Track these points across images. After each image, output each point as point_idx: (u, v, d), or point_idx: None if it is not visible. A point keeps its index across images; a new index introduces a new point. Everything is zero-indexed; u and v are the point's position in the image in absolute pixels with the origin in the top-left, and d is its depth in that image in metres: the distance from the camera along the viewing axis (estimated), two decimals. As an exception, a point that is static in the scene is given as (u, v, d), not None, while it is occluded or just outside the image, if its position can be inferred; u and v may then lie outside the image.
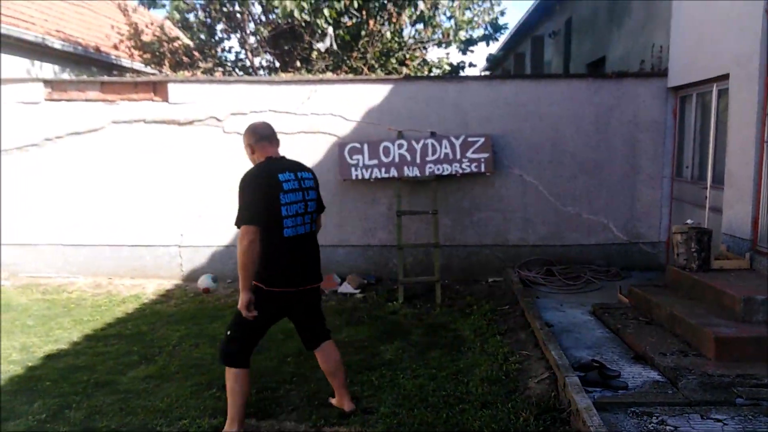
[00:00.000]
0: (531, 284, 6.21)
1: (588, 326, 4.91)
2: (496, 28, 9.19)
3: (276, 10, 8.05)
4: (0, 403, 3.65)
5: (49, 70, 9.75)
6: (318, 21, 7.92)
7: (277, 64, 9.04)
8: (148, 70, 9.73)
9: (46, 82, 6.80)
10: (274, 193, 3.19)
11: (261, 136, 3.44)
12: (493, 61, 13.30)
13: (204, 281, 6.53)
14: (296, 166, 3.42)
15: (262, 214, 3.13)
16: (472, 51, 8.91)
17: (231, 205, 6.72)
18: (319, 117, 6.65)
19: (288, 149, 6.67)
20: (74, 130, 6.74)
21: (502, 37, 10.72)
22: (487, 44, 9.16)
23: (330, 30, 7.91)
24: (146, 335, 5.09)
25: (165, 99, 6.67)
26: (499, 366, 4.22)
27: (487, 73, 15.75)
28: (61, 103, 6.72)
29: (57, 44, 9.48)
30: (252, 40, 8.96)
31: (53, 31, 9.87)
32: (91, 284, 6.73)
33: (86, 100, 6.70)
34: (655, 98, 6.54)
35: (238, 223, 3.13)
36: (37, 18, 9.90)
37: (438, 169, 6.49)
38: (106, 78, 7.00)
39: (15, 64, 9.00)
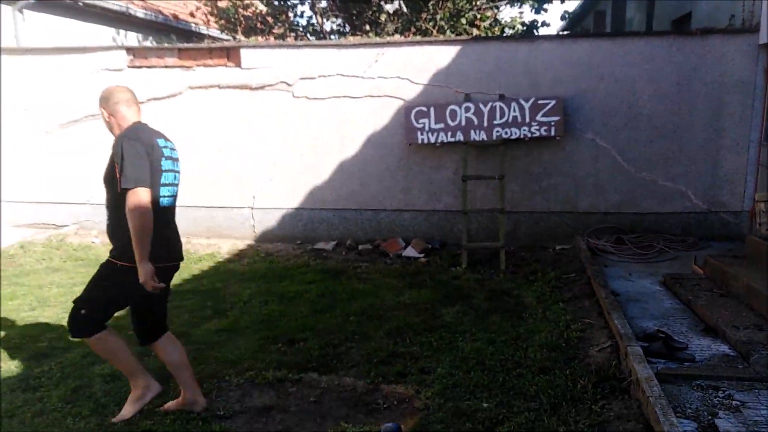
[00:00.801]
0: (600, 252, 6.04)
1: (657, 296, 4.75)
2: (573, -16, 8.75)
3: (345, -27, 8.05)
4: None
5: (132, 38, 10.24)
6: (387, -18, 7.85)
7: (347, 28, 9.06)
8: (224, 37, 10.01)
9: (128, 50, 7.15)
10: (157, 159, 3.00)
11: (126, 99, 3.08)
12: (570, 20, 12.69)
13: None
14: (164, 136, 3.15)
15: (149, 179, 2.94)
16: (545, 10, 8.54)
17: (300, 169, 6.95)
18: (385, 80, 6.65)
19: (354, 113, 6.80)
20: (154, 96, 7.09)
21: (580, -6, 10.18)
22: (562, 1, 8.75)
23: (399, -9, 7.82)
24: (220, 291, 5.39)
25: (238, 64, 6.86)
26: (560, 333, 4.18)
27: (564, 32, 15.05)
28: (142, 69, 7.07)
29: (140, 13, 9.91)
30: (323, 3, 9.00)
31: (136, 0, 10.32)
32: (171, 242, 7.15)
33: (165, 67, 7.01)
34: (744, 56, 6.06)
35: (129, 185, 2.86)
36: (121, -12, 10.35)
37: (506, 133, 6.36)
38: (183, 45, 7.27)
39: (101, 33, 9.52)
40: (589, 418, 3.05)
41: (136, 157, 2.89)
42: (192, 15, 10.00)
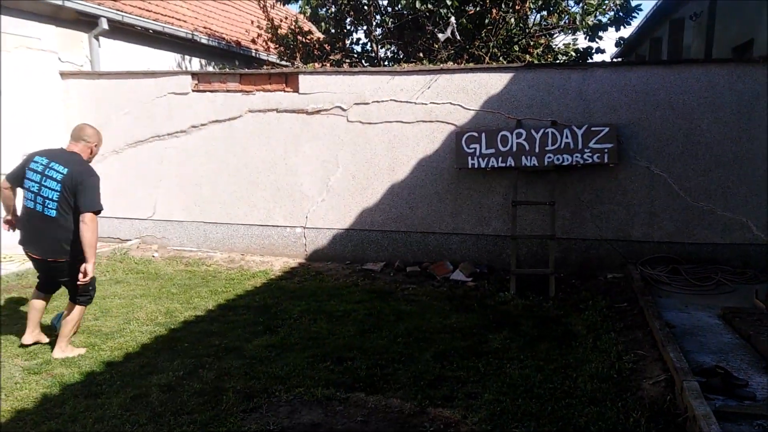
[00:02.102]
0: (654, 283, 5.89)
1: (715, 330, 4.59)
2: (628, 11, 8.64)
3: (401, 1, 8.22)
4: None
5: (196, 63, 10.74)
6: (441, 10, 7.99)
7: (401, 55, 9.24)
8: (283, 62, 10.38)
9: (194, 75, 7.52)
10: (25, 167, 4.17)
11: (70, 135, 4.38)
12: (624, 47, 12.54)
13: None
14: (56, 158, 4.16)
15: (15, 178, 4.22)
16: (600, 38, 8.49)
17: (351, 191, 7.09)
18: (437, 106, 6.75)
19: (406, 137, 6.92)
20: (216, 118, 7.41)
21: (636, 21, 10.07)
22: (617, 29, 8.65)
23: (452, 19, 7.93)
24: (271, 308, 5.53)
25: (295, 90, 7.11)
26: (611, 364, 4.10)
27: (619, 59, 14.86)
28: (205, 93, 7.42)
29: (204, 40, 10.40)
30: (378, 31, 9.23)
31: (201, 27, 10.84)
32: (226, 259, 7.40)
33: (227, 91, 7.34)
34: (811, 85, 5.87)
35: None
36: (188, 16, 10.92)
37: (557, 159, 6.33)
38: (244, 70, 7.59)
39: (167, 59, 10.03)
40: (640, 453, 2.98)
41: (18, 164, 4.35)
42: (254, 42, 10.43)
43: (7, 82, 7.38)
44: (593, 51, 9.04)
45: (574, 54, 9.15)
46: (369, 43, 9.56)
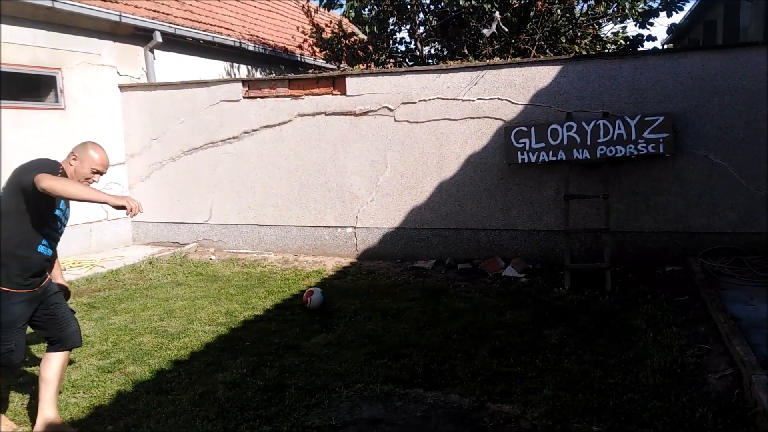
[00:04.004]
0: (716, 275, 5.69)
1: (784, 323, 4.42)
2: (680, -6, 8.37)
3: (443, -1, 8.24)
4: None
5: (243, 70, 11.03)
6: (485, 6, 7.94)
7: (445, 52, 9.24)
8: (328, 65, 10.53)
9: (244, 82, 7.75)
10: None
11: None
12: (676, 33, 12.13)
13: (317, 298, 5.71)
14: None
15: None
16: (651, 24, 8.25)
17: (400, 190, 7.15)
18: (485, 102, 6.73)
19: (454, 135, 6.94)
20: (267, 123, 7.61)
21: (688, 5, 9.73)
22: (669, 14, 8.39)
23: (497, 14, 7.88)
24: (326, 307, 5.64)
25: (343, 92, 7.23)
26: (674, 358, 4.00)
27: (670, 45, 14.38)
28: (256, 99, 7.63)
29: (251, 47, 10.67)
30: (421, 30, 9.25)
31: (247, 35, 11.12)
32: (280, 260, 7.58)
33: (276, 96, 7.52)
34: None
35: None
36: (235, 25, 11.22)
37: (610, 151, 6.21)
38: (292, 75, 7.77)
39: (217, 67, 10.34)
40: (709, 448, 2.92)
41: None
42: (300, 47, 10.63)
43: (71, 98, 7.78)
44: (644, 38, 8.80)
45: (623, 42, 8.93)
46: (413, 42, 9.59)
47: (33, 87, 7.49)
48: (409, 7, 9.01)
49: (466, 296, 5.86)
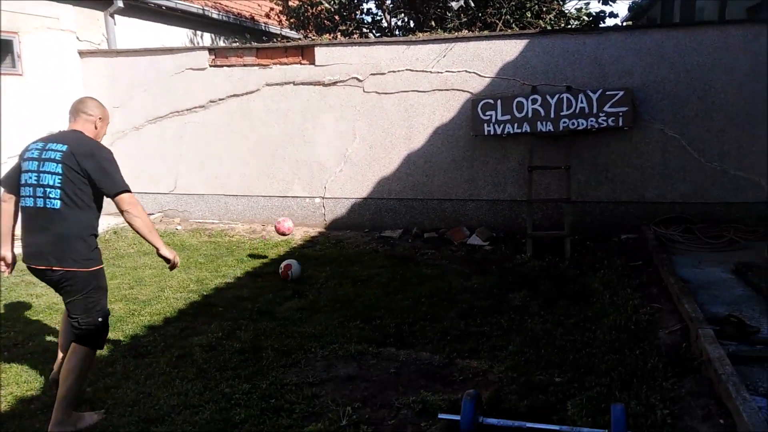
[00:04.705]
0: (668, 242, 6.03)
1: (728, 284, 4.76)
2: (641, -27, 8.63)
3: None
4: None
5: (207, 39, 10.83)
6: (452, -22, 8.02)
7: (413, 24, 9.28)
8: (294, 35, 10.44)
9: (210, 50, 7.64)
10: (20, 162, 3.17)
11: (68, 112, 3.32)
12: (636, 10, 12.45)
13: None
14: (54, 139, 3.17)
15: (14, 182, 3.18)
16: (613, 1, 8.49)
17: (369, 161, 7.24)
18: (453, 74, 6.84)
19: (422, 106, 7.04)
20: (234, 93, 7.55)
21: (648, -17, 10.00)
22: (631, -9, 8.65)
23: (464, -13, 7.97)
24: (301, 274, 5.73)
25: (312, 62, 7.22)
26: (629, 317, 4.28)
27: (630, 23, 14.74)
28: (222, 68, 7.55)
29: (215, 14, 10.46)
30: (388, 1, 9.26)
31: (210, 2, 10.88)
32: (248, 230, 7.61)
33: (244, 65, 7.46)
34: (825, 43, 5.91)
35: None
36: (197, -9, 10.95)
37: (573, 124, 6.43)
38: (261, 44, 7.69)
39: (180, 35, 10.12)
40: (660, 394, 3.18)
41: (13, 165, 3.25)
42: (267, 16, 10.49)
43: (28, 64, 7.53)
44: (606, 15, 9.05)
45: (586, 18, 9.16)
46: (380, 13, 9.60)
47: (-11, 51, 7.23)
48: (376, -23, 9.01)
49: (433, 263, 6.05)
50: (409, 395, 3.34)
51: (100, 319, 3.20)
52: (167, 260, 3.33)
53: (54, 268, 3.07)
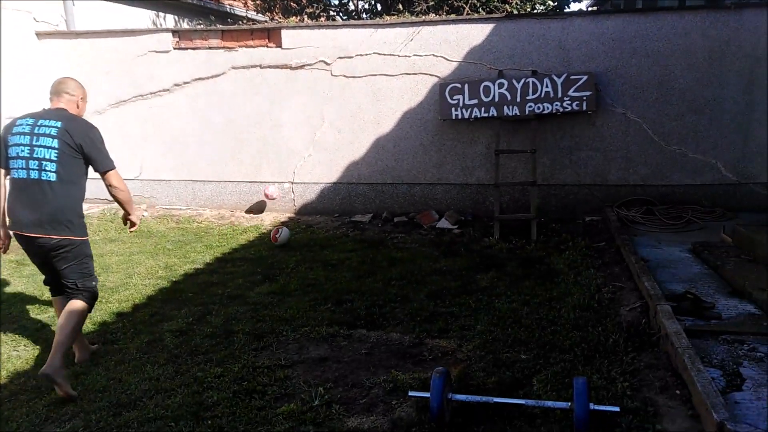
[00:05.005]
0: (630, 223, 6.22)
1: (685, 262, 4.95)
2: (605, -41, 8.76)
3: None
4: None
5: (171, 21, 10.58)
6: (420, -39, 8.01)
7: (380, 8, 9.25)
8: (260, 17, 10.29)
9: (174, 32, 7.48)
10: (6, 136, 3.44)
11: (49, 93, 3.62)
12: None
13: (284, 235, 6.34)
14: (46, 115, 3.48)
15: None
16: (577, -15, 8.61)
17: (338, 145, 7.24)
18: (421, 58, 6.86)
19: (390, 90, 7.05)
20: (199, 76, 7.42)
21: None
22: (594, -23, 8.78)
23: (432, -30, 7.97)
24: (267, 259, 5.74)
25: (278, 45, 7.14)
26: (591, 295, 4.42)
27: (594, 8, 14.95)
28: (187, 51, 7.40)
29: (178, -4, 10.24)
30: (355, -17, 9.21)
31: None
32: (216, 216, 7.55)
33: (209, 48, 7.33)
34: (778, 29, 6.12)
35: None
36: (159, -29, 10.68)
37: (538, 108, 6.54)
38: (226, 27, 7.57)
39: (142, 16, 9.87)
40: (620, 368, 3.32)
41: None
42: (231, -2, 10.33)
43: (-18, 44, 7.26)
44: (570, 0, 9.17)
45: (551, 3, 9.27)
46: (347, -4, 9.55)
47: (-62, 31, 6.93)
48: (343, -41, 8.94)
49: (403, 247, 6.12)
50: (380, 375, 3.41)
51: (94, 283, 3.64)
52: (133, 224, 3.87)
53: (52, 236, 3.37)
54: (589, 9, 14.52)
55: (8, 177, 3.45)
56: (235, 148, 7.56)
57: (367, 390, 3.26)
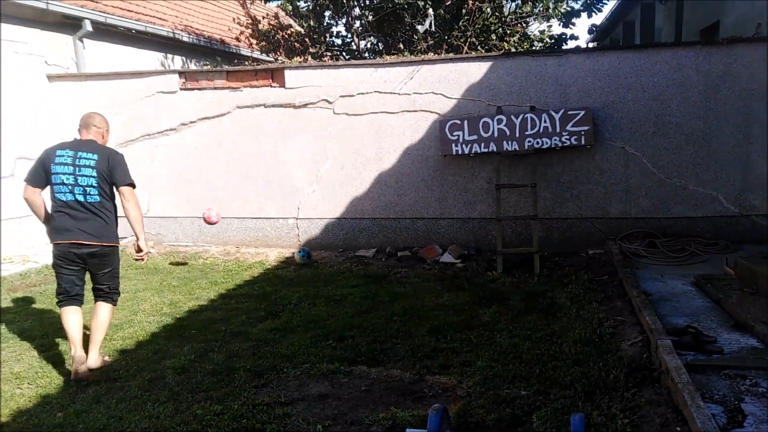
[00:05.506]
0: (632, 256, 6.23)
1: (688, 296, 4.94)
2: (598, -3, 8.98)
3: (379, -6, 8.47)
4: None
5: (178, 62, 10.87)
6: (419, 2, 8.22)
7: (381, 47, 9.47)
8: (265, 57, 10.55)
9: (181, 73, 7.69)
10: (47, 164, 4.11)
11: (78, 126, 4.35)
12: (599, 32, 12.89)
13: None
14: (80, 147, 4.18)
15: (39, 179, 4.13)
16: (573, 24, 8.80)
17: (341, 181, 7.34)
18: (420, 95, 7.01)
19: (391, 127, 7.18)
20: (205, 115, 7.60)
21: (608, 6, 10.41)
22: (589, 15, 8.97)
23: (430, 11, 8.18)
24: (270, 295, 5.77)
25: (282, 84, 7.32)
26: (593, 330, 4.42)
27: (594, 44, 15.23)
28: (193, 91, 7.60)
29: (185, 38, 10.53)
30: (357, 24, 9.44)
31: (181, 26, 10.95)
32: (221, 252, 7.61)
33: (214, 88, 7.52)
34: (772, 64, 6.23)
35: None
36: (169, 15, 11.02)
37: (537, 143, 6.63)
38: (230, 67, 7.78)
39: (150, 58, 10.15)
40: (621, 404, 3.30)
41: (36, 162, 4.21)
42: (237, 40, 10.59)
43: (-4, 87, 7.49)
44: (567, 37, 9.36)
45: (549, 41, 9.46)
46: (349, 36, 9.78)
47: (-46, 76, 7.17)
48: (345, 1, 9.18)
49: (406, 281, 6.14)
50: (379, 412, 3.40)
51: (120, 284, 4.42)
52: (140, 250, 4.37)
53: (102, 245, 4.16)
54: (589, 45, 14.79)
55: (51, 197, 4.13)
56: (240, 185, 7.68)
57: (366, 427, 3.26)
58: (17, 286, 6.23)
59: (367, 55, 9.68)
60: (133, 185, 4.25)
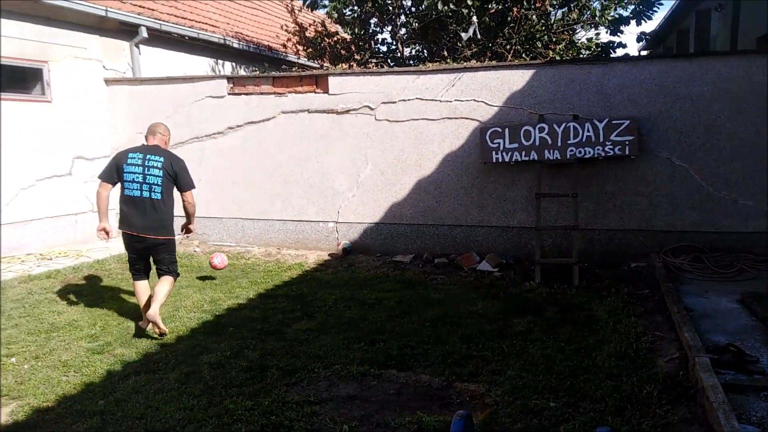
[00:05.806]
0: (677, 271, 6.05)
1: (733, 314, 4.77)
2: (649, 4, 8.73)
3: (424, 2, 8.51)
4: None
5: (228, 67, 11.20)
6: (463, 10, 8.23)
7: (426, 53, 9.52)
8: (311, 64, 10.75)
9: (229, 79, 7.94)
10: (121, 165, 4.83)
11: (145, 133, 5.10)
12: (651, 40, 12.57)
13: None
14: (150, 151, 4.90)
15: (111, 177, 4.86)
16: (621, 32, 8.62)
17: (381, 186, 7.42)
18: (462, 103, 7.01)
19: (432, 134, 7.22)
20: (251, 120, 7.82)
21: (661, 13, 10.13)
22: (638, 23, 8.76)
23: (474, 18, 8.18)
24: (307, 296, 5.88)
25: (325, 90, 7.47)
26: (630, 344, 4.32)
27: (643, 53, 14.85)
28: (240, 96, 7.83)
29: (235, 44, 10.85)
30: (402, 31, 9.52)
31: (232, 32, 11.29)
32: (263, 253, 7.79)
33: (260, 94, 7.73)
34: (831, 74, 5.96)
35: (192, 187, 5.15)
36: (220, 22, 11.38)
37: (580, 152, 6.54)
38: (276, 73, 7.98)
39: (201, 63, 10.50)
40: (652, 420, 3.23)
41: (109, 163, 4.98)
42: (284, 46, 10.84)
43: (57, 91, 7.90)
44: (615, 45, 9.18)
45: (596, 49, 9.29)
46: (394, 43, 9.86)
47: (20, 79, 7.61)
48: (390, 9, 9.27)
49: (442, 288, 6.14)
50: (406, 416, 3.43)
51: (177, 265, 5.18)
52: (189, 230, 5.35)
53: (162, 237, 4.90)
54: (640, 54, 14.42)
55: (121, 193, 4.85)
56: (282, 188, 7.86)
57: (391, 430, 3.29)
58: (70, 279, 6.55)
59: (411, 62, 9.74)
60: (193, 189, 5.06)
